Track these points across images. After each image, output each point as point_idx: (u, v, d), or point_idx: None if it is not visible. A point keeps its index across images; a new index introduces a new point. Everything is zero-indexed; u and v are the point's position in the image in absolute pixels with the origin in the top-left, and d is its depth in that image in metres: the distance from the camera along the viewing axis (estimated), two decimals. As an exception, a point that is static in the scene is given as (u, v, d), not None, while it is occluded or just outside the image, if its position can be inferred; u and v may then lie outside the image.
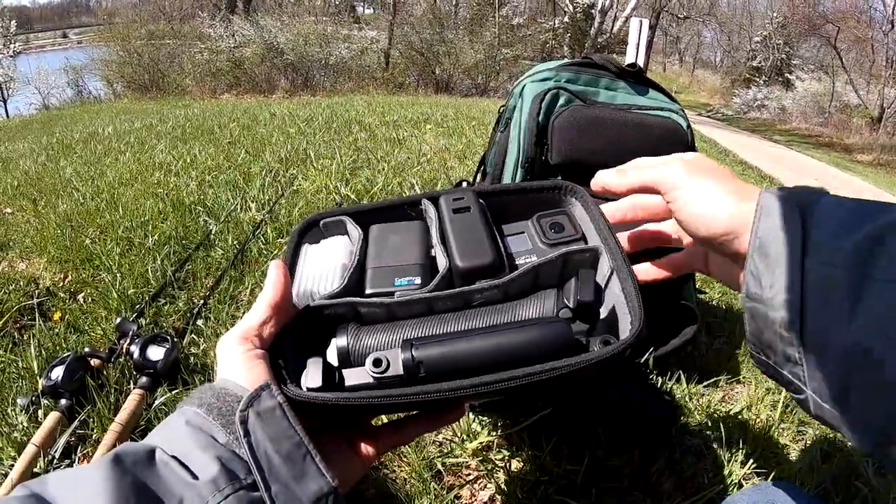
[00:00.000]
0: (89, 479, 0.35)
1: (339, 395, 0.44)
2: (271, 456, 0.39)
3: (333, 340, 0.49)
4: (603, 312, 0.52)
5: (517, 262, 0.56)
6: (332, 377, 0.46)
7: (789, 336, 0.38)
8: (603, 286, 0.53)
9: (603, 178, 0.54)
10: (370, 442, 0.52)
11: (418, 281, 0.53)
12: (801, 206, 0.40)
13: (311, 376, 0.45)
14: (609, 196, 0.55)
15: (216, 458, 0.38)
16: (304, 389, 0.44)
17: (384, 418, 0.80)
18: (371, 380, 0.45)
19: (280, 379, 0.44)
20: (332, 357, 0.49)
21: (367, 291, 0.53)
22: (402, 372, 0.44)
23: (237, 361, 0.44)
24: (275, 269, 0.49)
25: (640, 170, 0.52)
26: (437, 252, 0.55)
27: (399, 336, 0.49)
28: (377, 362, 0.45)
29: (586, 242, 0.56)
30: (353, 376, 0.47)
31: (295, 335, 0.50)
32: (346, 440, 0.52)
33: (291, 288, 0.52)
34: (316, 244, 0.60)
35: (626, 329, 0.47)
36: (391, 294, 0.52)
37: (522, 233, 0.59)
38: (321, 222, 0.59)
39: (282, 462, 0.39)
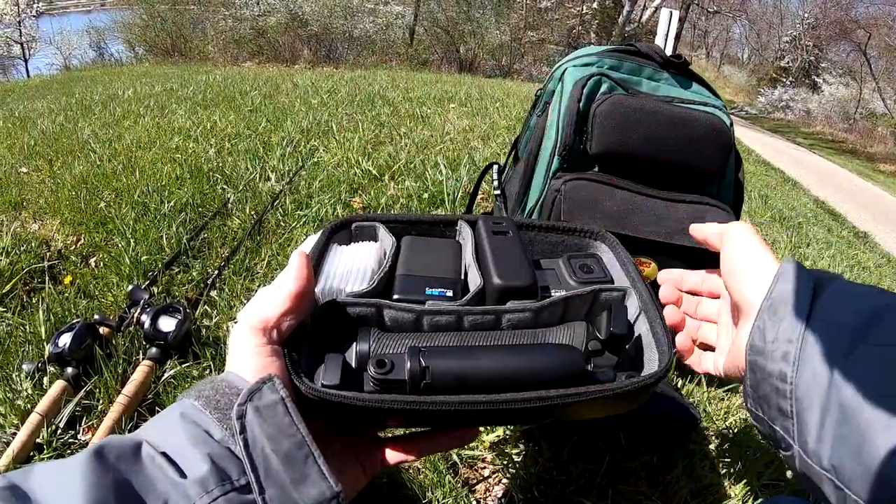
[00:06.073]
0: (69, 474, 0.32)
1: (358, 394, 0.41)
2: (269, 455, 0.36)
3: (354, 343, 0.47)
4: (629, 349, 0.52)
5: (547, 295, 0.55)
6: (350, 378, 0.43)
7: (783, 388, 0.41)
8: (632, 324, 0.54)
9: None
10: (375, 454, 0.49)
11: (450, 294, 0.52)
12: (817, 280, 0.44)
13: (330, 373, 0.42)
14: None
15: (207, 456, 0.35)
16: (320, 386, 0.41)
17: (392, 431, 0.77)
18: (371, 384, 0.43)
19: (294, 373, 0.41)
20: (351, 360, 0.47)
21: (395, 297, 0.51)
22: (406, 377, 0.42)
23: (249, 355, 0.41)
24: (298, 259, 0.45)
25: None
26: (472, 271, 0.55)
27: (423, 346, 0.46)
28: (381, 363, 0.42)
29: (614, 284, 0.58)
30: (370, 381, 0.44)
31: (314, 331, 0.47)
32: (350, 449, 0.49)
33: (316, 283, 0.49)
34: (345, 245, 0.58)
35: (651, 367, 0.48)
36: (422, 302, 0.50)
37: (552, 269, 0.59)
38: (353, 225, 0.59)
39: (280, 462, 0.36)
